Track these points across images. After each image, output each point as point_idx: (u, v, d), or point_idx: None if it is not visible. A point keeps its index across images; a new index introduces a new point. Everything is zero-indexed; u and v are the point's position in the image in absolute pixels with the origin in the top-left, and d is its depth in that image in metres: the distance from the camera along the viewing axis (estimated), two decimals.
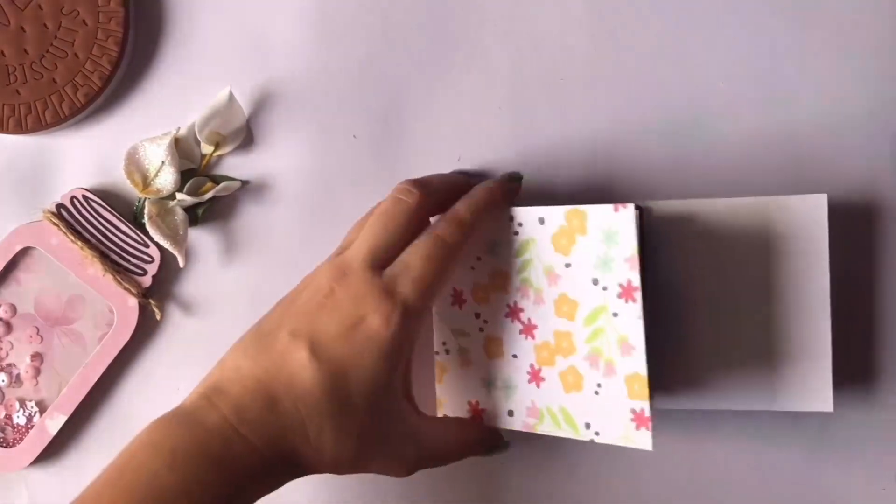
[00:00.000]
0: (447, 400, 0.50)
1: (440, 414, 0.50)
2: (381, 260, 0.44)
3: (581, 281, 0.46)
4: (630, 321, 0.44)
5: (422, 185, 0.46)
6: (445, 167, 0.52)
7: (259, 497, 0.42)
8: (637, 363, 0.44)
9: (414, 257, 0.44)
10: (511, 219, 0.47)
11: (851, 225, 0.50)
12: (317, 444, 0.42)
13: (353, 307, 0.43)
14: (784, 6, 0.51)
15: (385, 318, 0.43)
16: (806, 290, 0.47)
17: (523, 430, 0.48)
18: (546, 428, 0.47)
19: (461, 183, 0.49)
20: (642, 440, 0.44)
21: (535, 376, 0.47)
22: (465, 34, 0.52)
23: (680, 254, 0.48)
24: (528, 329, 0.47)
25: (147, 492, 0.40)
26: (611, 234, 0.44)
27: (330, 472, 0.44)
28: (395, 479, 0.46)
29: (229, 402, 0.42)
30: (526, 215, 0.47)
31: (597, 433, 0.46)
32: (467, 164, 0.52)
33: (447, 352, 0.49)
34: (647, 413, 0.44)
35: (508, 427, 0.48)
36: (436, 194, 0.46)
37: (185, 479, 0.40)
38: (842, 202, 0.50)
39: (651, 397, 0.44)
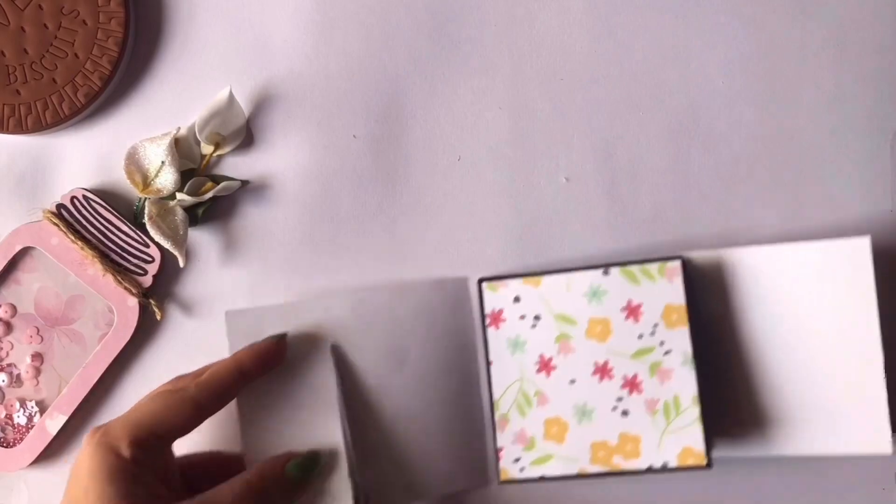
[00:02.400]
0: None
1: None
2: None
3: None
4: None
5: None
6: (445, 167, 0.52)
7: None
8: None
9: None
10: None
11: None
12: None
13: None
14: (784, 5, 0.51)
15: (83, 456, 0.44)
16: (856, 332, 0.46)
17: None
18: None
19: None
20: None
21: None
22: (465, 34, 0.52)
23: (724, 304, 0.48)
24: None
25: None
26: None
27: None
28: None
29: None
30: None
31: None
32: (467, 164, 0.52)
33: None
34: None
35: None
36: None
37: None
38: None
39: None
